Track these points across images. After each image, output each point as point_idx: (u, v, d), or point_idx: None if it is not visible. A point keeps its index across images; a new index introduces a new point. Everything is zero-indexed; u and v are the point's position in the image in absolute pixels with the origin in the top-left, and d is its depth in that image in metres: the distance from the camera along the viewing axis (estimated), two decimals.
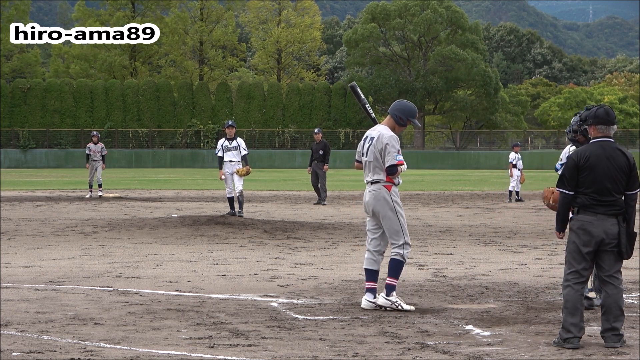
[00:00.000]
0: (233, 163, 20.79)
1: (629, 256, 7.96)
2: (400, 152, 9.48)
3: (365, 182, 9.76)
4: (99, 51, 78.07)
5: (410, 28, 79.97)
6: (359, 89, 10.16)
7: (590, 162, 7.84)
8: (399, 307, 9.29)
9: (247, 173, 20.84)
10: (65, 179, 45.98)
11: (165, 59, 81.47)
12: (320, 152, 27.50)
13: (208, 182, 41.49)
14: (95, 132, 30.36)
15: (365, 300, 9.54)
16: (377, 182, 9.55)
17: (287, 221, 19.70)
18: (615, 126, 8.02)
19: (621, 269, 7.99)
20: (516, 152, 30.12)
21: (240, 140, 20.92)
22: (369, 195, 9.60)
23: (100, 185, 29.67)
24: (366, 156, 9.60)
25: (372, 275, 9.59)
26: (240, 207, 20.73)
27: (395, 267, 9.44)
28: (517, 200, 29.23)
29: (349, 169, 66.79)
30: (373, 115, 9.99)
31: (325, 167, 27.42)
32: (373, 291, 9.55)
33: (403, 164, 9.47)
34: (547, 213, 22.87)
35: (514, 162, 29.62)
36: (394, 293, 9.41)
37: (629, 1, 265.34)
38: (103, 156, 29.65)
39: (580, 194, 7.88)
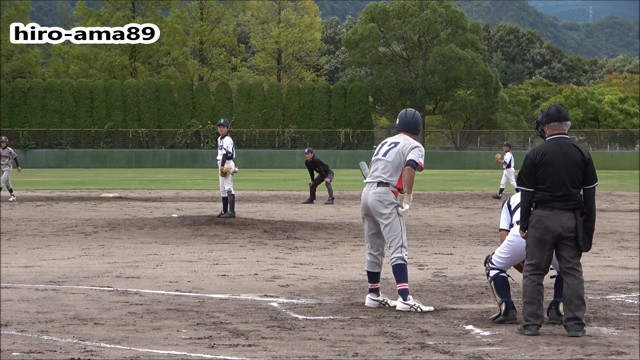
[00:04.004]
0: (219, 162, 20.56)
1: (587, 249, 8.22)
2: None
3: (366, 182, 9.70)
4: (99, 51, 78.08)
5: (409, 28, 79.98)
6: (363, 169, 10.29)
7: (546, 158, 8.15)
8: (418, 310, 9.28)
9: (223, 174, 20.41)
10: (65, 179, 45.99)
11: (166, 59, 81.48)
12: (316, 170, 28.10)
13: (208, 182, 41.48)
14: (4, 138, 29.28)
15: (369, 298, 9.67)
16: (386, 184, 9.49)
17: (287, 221, 19.69)
18: (569, 122, 8.32)
19: (580, 261, 8.24)
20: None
21: (225, 140, 20.48)
22: (372, 196, 9.48)
23: (10, 190, 28.30)
24: (384, 156, 9.53)
25: (373, 277, 9.66)
26: (231, 207, 20.36)
27: (400, 271, 9.43)
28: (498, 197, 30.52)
29: (349, 168, 66.79)
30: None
31: (327, 179, 27.84)
32: (376, 291, 9.65)
33: (423, 167, 9.49)
34: None
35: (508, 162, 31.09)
36: (410, 296, 9.42)
37: (629, 1, 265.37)
38: (15, 159, 28.90)
39: (538, 190, 8.18)
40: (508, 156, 31.04)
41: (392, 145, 9.57)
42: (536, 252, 8.18)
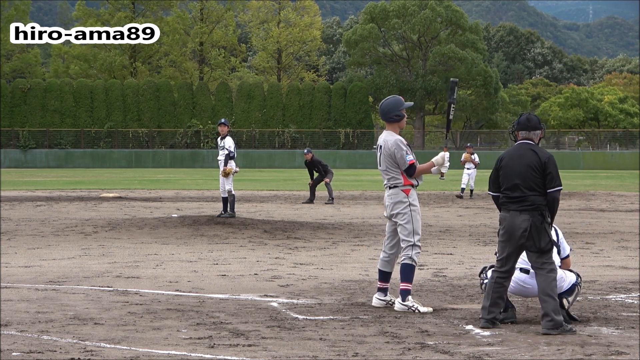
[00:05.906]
0: (220, 162, 20.59)
1: (537, 248, 8.38)
2: (409, 152, 9.52)
3: (384, 186, 9.81)
4: (98, 51, 78.08)
5: (409, 27, 79.97)
6: (456, 87, 10.32)
7: (504, 162, 8.54)
8: (416, 311, 9.28)
9: (225, 174, 20.42)
10: (65, 179, 45.99)
11: (166, 59, 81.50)
12: (315, 170, 28.14)
13: (208, 182, 41.49)
14: None
15: (376, 298, 9.68)
16: (395, 186, 9.58)
17: (287, 221, 19.69)
18: (539, 131, 8.55)
19: (550, 259, 8.36)
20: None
21: (226, 140, 20.54)
22: (387, 199, 9.64)
23: None
24: (380, 166, 9.68)
25: (384, 276, 9.69)
26: (231, 207, 20.44)
27: (406, 271, 9.44)
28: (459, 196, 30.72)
29: (349, 168, 66.81)
30: (451, 117, 10.13)
31: (326, 179, 27.76)
32: (384, 290, 9.67)
33: (414, 162, 9.49)
34: None
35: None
36: (410, 297, 9.42)
37: (629, 1, 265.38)
38: None
39: (501, 193, 8.57)
40: (476, 157, 31.31)
41: (379, 149, 9.69)
42: (501, 249, 8.57)
